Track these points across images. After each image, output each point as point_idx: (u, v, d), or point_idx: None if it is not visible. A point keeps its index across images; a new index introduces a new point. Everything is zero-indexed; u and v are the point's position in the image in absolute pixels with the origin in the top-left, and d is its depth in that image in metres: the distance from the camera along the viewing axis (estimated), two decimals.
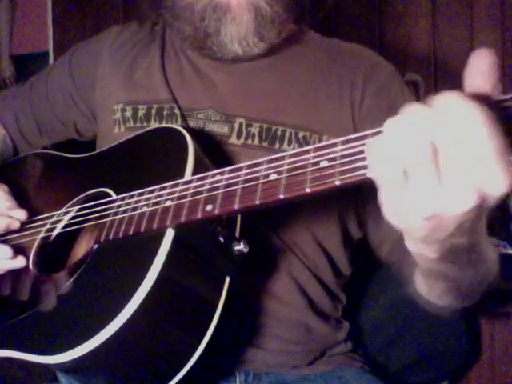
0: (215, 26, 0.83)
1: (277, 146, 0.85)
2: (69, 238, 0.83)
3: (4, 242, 0.82)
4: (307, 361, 0.87)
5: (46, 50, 1.92)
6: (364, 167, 0.48)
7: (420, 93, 1.36)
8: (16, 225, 0.82)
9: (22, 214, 0.83)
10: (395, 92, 0.89)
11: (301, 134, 0.85)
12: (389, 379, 1.08)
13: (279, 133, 0.85)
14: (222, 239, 0.62)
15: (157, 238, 0.62)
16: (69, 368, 0.63)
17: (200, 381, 0.78)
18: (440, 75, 1.54)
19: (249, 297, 0.83)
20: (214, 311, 0.65)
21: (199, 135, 0.78)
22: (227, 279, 0.66)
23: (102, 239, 0.69)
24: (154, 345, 0.63)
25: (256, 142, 0.85)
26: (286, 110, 0.87)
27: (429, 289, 0.71)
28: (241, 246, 0.63)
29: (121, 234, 0.67)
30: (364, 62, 0.91)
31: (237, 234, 0.68)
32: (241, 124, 0.86)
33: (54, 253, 0.82)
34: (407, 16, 1.57)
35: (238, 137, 0.86)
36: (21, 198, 0.87)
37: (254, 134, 0.85)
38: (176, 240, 0.62)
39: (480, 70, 0.42)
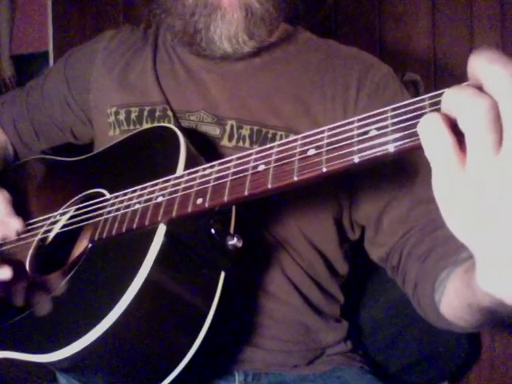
0: (205, 22, 0.82)
1: None
2: (68, 238, 0.83)
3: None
4: (306, 360, 0.87)
5: (45, 50, 1.92)
6: (351, 153, 0.48)
7: (420, 93, 1.36)
8: (11, 235, 0.82)
9: (17, 224, 0.83)
10: (392, 93, 0.89)
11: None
12: (389, 379, 1.08)
13: (270, 135, 0.84)
14: (214, 233, 0.62)
15: (149, 234, 0.62)
16: (67, 367, 0.63)
17: (199, 380, 0.78)
18: (440, 75, 1.53)
19: (246, 295, 0.83)
20: (210, 306, 0.65)
21: (192, 137, 0.78)
22: (222, 274, 0.66)
23: (95, 238, 0.69)
24: (148, 341, 0.63)
25: (247, 144, 0.85)
26: (278, 111, 0.86)
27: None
28: (234, 241, 0.63)
29: (114, 232, 0.67)
30: (359, 63, 0.90)
31: (231, 230, 0.68)
32: (232, 126, 0.86)
33: (52, 254, 0.82)
34: (407, 16, 1.56)
35: (230, 139, 0.86)
36: (19, 201, 0.87)
37: (245, 136, 0.85)
38: (168, 235, 0.62)
39: None
